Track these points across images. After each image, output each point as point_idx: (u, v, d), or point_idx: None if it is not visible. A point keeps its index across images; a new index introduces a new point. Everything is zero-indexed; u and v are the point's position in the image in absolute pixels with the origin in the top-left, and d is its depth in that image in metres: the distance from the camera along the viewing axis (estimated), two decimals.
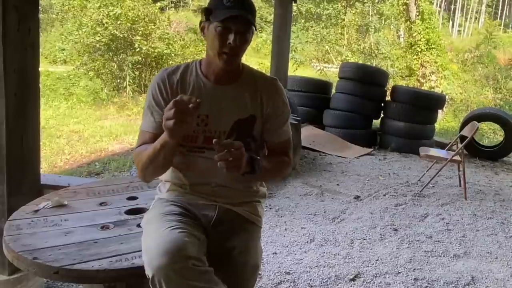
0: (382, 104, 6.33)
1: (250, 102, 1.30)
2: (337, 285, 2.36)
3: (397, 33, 18.32)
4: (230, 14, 1.16)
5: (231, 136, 1.27)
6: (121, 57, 10.49)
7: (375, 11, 18.63)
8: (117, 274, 1.06)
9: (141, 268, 1.06)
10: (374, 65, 13.42)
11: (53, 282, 2.35)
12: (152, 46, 10.44)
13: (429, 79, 13.44)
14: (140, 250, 1.12)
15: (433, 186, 4.37)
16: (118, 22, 10.08)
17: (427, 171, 4.60)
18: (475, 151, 5.98)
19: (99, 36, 10.06)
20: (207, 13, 1.22)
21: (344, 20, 16.70)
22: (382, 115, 6.39)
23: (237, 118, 1.29)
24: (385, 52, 15.19)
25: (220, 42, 1.19)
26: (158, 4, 11.79)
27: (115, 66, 10.64)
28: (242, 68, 1.34)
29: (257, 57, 18.21)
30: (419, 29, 13.33)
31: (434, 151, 4.58)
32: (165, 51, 10.73)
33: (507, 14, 44.17)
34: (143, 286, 1.25)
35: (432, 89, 12.39)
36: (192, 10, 28.10)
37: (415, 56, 13.62)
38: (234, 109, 1.29)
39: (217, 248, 1.22)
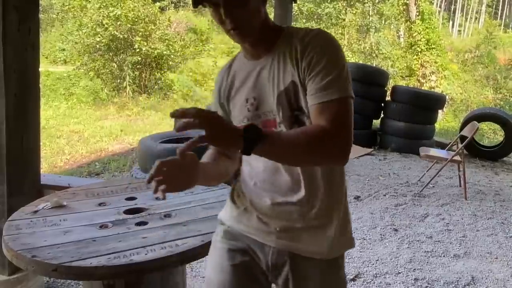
0: (382, 104, 6.33)
1: (288, 68, 1.04)
2: None
3: (397, 33, 18.33)
4: None
5: (279, 112, 1.05)
6: (121, 57, 10.50)
7: (375, 11, 18.63)
8: (115, 270, 1.06)
9: (139, 264, 1.06)
10: (374, 65, 13.43)
11: (53, 282, 2.35)
12: (152, 46, 10.45)
13: (429, 79, 13.45)
14: (138, 247, 1.13)
15: (433, 186, 4.37)
16: (118, 23, 10.10)
17: (427, 171, 4.60)
18: (475, 151, 5.98)
19: (99, 37, 10.08)
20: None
21: (344, 20, 16.71)
22: (382, 115, 6.39)
23: (278, 90, 1.05)
24: (385, 52, 15.20)
25: (219, 22, 1.03)
26: (158, 4, 11.81)
27: (115, 66, 10.65)
28: (280, 32, 1.09)
29: None
30: (419, 29, 13.35)
31: (434, 151, 4.58)
32: (164, 52, 10.74)
33: (507, 14, 44.17)
34: (142, 283, 1.25)
35: (432, 89, 12.40)
36: (192, 10, 28.13)
37: (415, 56, 13.63)
38: (274, 81, 1.06)
39: None
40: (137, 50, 10.23)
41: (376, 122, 6.52)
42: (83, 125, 7.68)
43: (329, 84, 0.98)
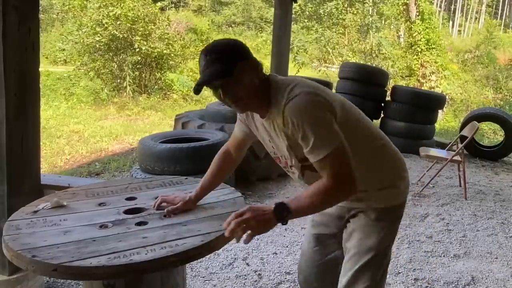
0: (382, 104, 6.33)
1: (281, 135, 1.29)
2: None
3: (397, 33, 18.32)
4: (197, 84, 1.20)
5: (291, 159, 1.34)
6: (121, 57, 10.50)
7: (375, 11, 18.63)
8: (115, 270, 1.05)
9: (139, 264, 1.06)
10: (374, 65, 13.43)
11: (53, 282, 2.35)
12: (152, 46, 10.45)
13: (429, 79, 13.44)
14: (138, 247, 1.13)
15: (433, 186, 4.37)
16: (118, 22, 10.09)
17: (427, 171, 4.60)
18: (475, 151, 5.98)
19: (99, 36, 10.08)
20: None
21: (345, 20, 16.72)
22: (382, 115, 6.39)
23: (286, 144, 1.30)
24: (385, 52, 15.19)
25: (220, 100, 1.25)
26: (158, 4, 11.81)
27: (115, 66, 10.65)
28: (270, 93, 1.27)
29: (257, 57, 18.15)
30: (419, 29, 13.34)
31: (434, 151, 4.58)
32: (164, 51, 10.74)
33: (507, 14, 44.17)
34: (142, 283, 1.25)
35: (432, 89, 12.39)
36: (192, 10, 28.15)
37: (415, 56, 13.62)
38: (279, 138, 1.31)
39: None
40: (137, 50, 10.23)
41: (376, 122, 6.51)
42: (83, 125, 7.68)
43: (314, 147, 1.18)
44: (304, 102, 1.19)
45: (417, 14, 13.43)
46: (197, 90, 1.20)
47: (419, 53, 13.49)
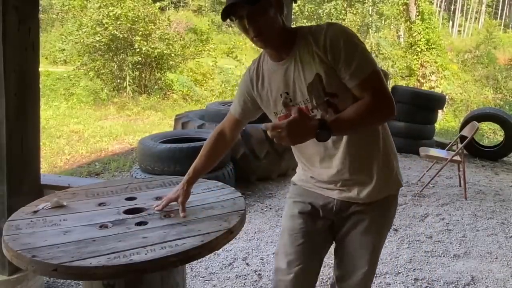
0: None
1: (310, 63, 1.27)
2: None
3: (397, 33, 18.33)
4: (224, 8, 1.19)
5: (312, 100, 1.29)
6: (121, 57, 10.50)
7: (375, 11, 18.63)
8: (115, 270, 1.05)
9: (139, 264, 1.06)
10: None
11: (53, 282, 2.35)
12: (152, 46, 10.45)
13: (429, 79, 13.46)
14: (138, 247, 1.13)
15: (433, 186, 4.37)
16: (118, 22, 10.10)
17: (427, 171, 4.60)
18: (475, 151, 5.98)
19: (99, 36, 10.08)
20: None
21: (344, 20, 16.71)
22: None
23: (307, 83, 1.28)
24: (385, 52, 15.19)
25: (245, 32, 1.24)
26: (158, 4, 11.81)
27: (115, 66, 10.65)
28: (296, 34, 1.30)
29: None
30: (419, 29, 13.36)
31: (434, 151, 4.58)
32: (165, 51, 10.74)
33: (507, 14, 44.19)
34: (142, 283, 1.25)
35: (432, 89, 12.40)
36: (192, 10, 28.12)
37: (415, 56, 13.63)
38: (301, 77, 1.29)
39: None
40: (137, 50, 10.23)
41: None
42: (83, 125, 7.68)
43: (356, 68, 1.20)
44: (345, 27, 1.27)
45: (417, 14, 13.44)
46: (224, 15, 1.21)
47: (419, 53, 13.51)
